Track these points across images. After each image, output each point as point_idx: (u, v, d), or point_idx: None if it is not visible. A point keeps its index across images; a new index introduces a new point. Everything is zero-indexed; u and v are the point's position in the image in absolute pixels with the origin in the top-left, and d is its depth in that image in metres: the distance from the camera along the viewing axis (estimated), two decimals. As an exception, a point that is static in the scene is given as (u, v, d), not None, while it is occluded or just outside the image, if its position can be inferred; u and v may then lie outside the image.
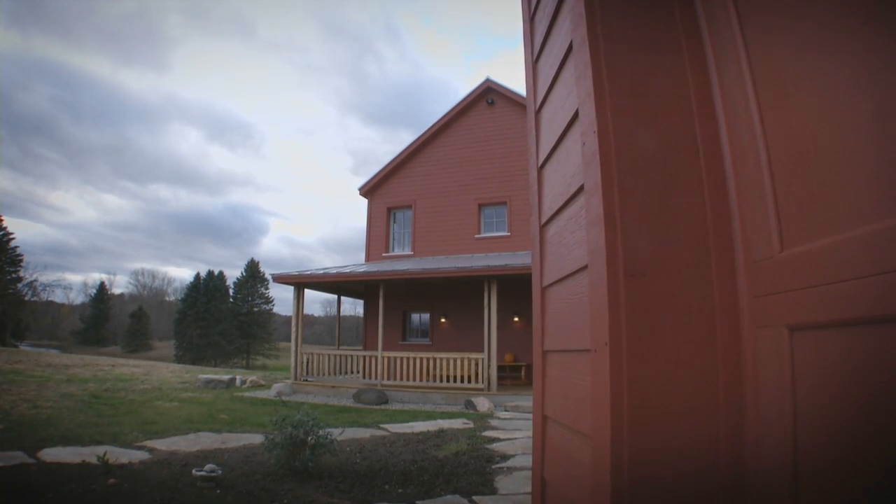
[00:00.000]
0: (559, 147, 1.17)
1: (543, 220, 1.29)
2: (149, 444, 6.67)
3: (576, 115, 1.03)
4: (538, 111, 1.37)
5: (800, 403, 0.74)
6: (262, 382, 15.45)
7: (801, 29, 0.73)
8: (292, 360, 13.31)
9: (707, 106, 0.92)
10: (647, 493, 0.77)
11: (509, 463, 5.68)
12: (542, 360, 1.26)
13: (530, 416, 9.77)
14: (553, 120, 1.21)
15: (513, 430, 8.08)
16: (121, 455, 5.95)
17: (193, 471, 4.77)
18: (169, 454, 6.13)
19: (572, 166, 1.06)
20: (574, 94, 1.03)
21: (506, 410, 10.43)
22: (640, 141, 0.88)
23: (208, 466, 4.70)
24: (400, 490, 4.66)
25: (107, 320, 63.67)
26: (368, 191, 16.82)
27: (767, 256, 0.80)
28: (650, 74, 0.90)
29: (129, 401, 11.03)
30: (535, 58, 1.42)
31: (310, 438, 4.86)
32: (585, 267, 0.96)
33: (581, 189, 1.00)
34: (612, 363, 0.80)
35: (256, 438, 6.86)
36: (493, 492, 4.64)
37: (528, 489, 4.75)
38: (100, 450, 5.82)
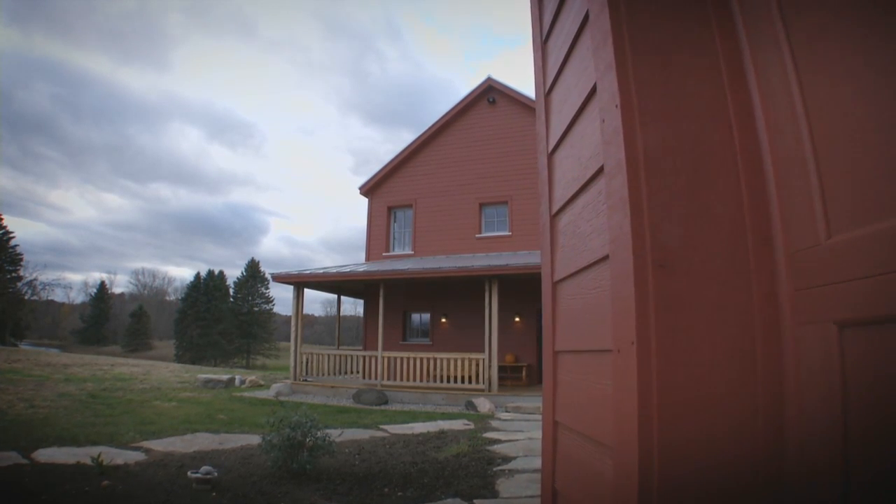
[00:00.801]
0: (573, 129, 1.08)
1: (554, 209, 1.19)
2: (145, 444, 6.58)
3: (593, 91, 0.94)
4: (548, 94, 1.27)
5: (851, 413, 0.65)
6: (262, 382, 15.37)
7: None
8: (292, 360, 13.23)
9: (739, 77, 0.83)
10: (679, 513, 0.68)
11: (511, 465, 5.59)
12: (552, 362, 1.16)
13: (531, 417, 9.69)
14: (565, 101, 1.12)
15: (514, 431, 7.98)
16: (116, 456, 5.86)
17: (189, 473, 4.68)
18: (165, 455, 6.04)
19: (589, 148, 0.97)
20: (591, 67, 0.93)
21: (507, 411, 10.34)
22: (667, 115, 0.79)
23: (204, 468, 4.61)
24: (399, 493, 4.56)
25: (107, 320, 63.61)
26: (369, 190, 16.73)
27: (812, 244, 0.71)
28: (677, 43, 0.81)
29: (126, 400, 10.94)
30: (543, 38, 1.33)
31: (308, 440, 4.77)
32: (606, 257, 0.87)
33: (600, 171, 0.90)
34: (640, 366, 0.71)
35: (254, 439, 6.77)
36: (495, 495, 4.55)
37: (531, 492, 4.66)
38: (95, 450, 5.74)
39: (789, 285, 0.75)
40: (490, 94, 15.79)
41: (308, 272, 14.02)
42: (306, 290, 13.96)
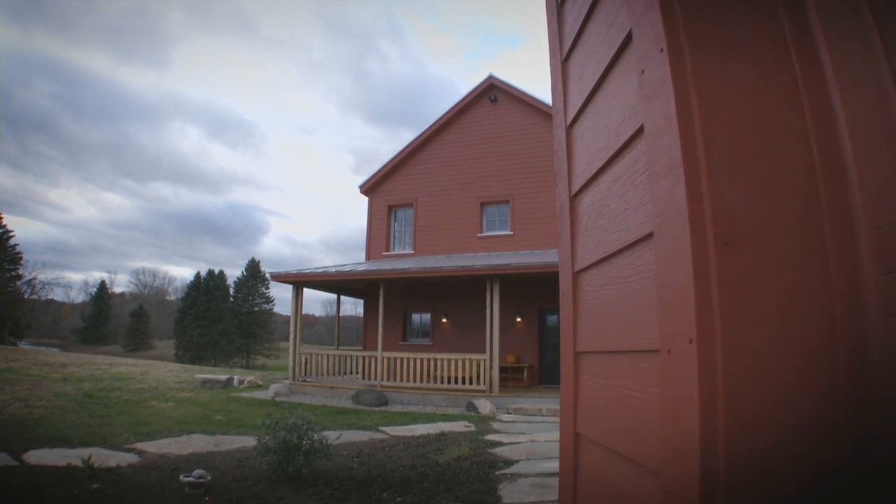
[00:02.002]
0: (598, 93, 0.93)
1: (574, 189, 1.05)
2: (139, 446, 6.44)
3: (626, 41, 0.79)
4: (565, 60, 1.13)
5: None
6: (260, 383, 15.23)
7: None
8: (290, 360, 13.08)
9: (803, 25, 0.68)
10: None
11: (513, 469, 5.44)
12: (573, 364, 1.01)
13: (533, 418, 9.54)
14: (588, 63, 0.97)
15: (516, 433, 7.84)
16: (109, 458, 5.72)
17: (181, 476, 4.53)
18: (159, 457, 5.90)
19: (620, 110, 0.82)
20: (623, 15, 0.79)
21: (508, 413, 10.19)
22: (723, 62, 0.64)
23: (197, 472, 4.46)
24: (399, 498, 4.42)
25: (107, 319, 63.50)
26: (369, 189, 16.59)
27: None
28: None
29: (123, 401, 10.81)
30: None
31: (304, 443, 4.62)
32: (648, 236, 0.72)
33: (638, 134, 0.76)
34: (702, 370, 0.56)
35: (251, 441, 6.62)
36: (497, 500, 4.40)
37: (534, 498, 4.51)
38: (88, 452, 5.60)
39: (875, 267, 0.60)
40: (491, 92, 15.64)
41: (307, 271, 13.88)
42: (306, 291, 13.82)
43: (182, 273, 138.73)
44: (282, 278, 13.44)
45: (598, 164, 0.93)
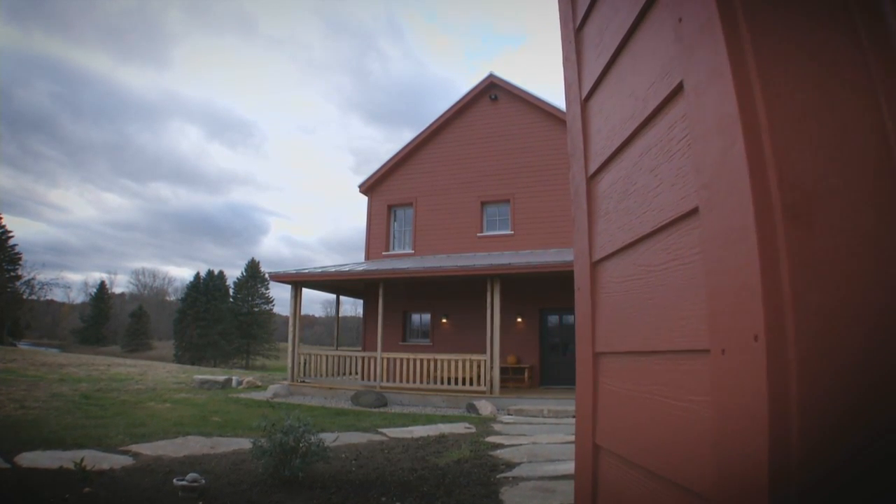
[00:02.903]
0: (622, 55, 0.82)
1: (592, 168, 0.94)
2: (134, 448, 6.33)
3: (657, -12, 0.69)
4: (580, 28, 1.01)
5: None
6: (259, 383, 15.12)
7: None
8: (289, 360, 12.97)
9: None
10: None
11: (514, 472, 5.32)
12: (591, 367, 0.90)
13: (534, 420, 9.42)
14: (608, 24, 0.86)
15: (517, 435, 7.72)
16: (102, 460, 5.61)
17: (175, 480, 4.42)
18: (154, 460, 5.79)
19: (650, 71, 0.71)
20: (652, -38, 0.68)
21: (509, 414, 10.07)
22: (775, 4, 0.53)
23: (190, 475, 4.35)
24: (398, 502, 4.30)
25: (107, 319, 63.40)
26: (368, 188, 16.48)
27: None
28: None
29: (120, 402, 10.70)
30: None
31: (301, 445, 4.51)
32: (692, 213, 0.61)
33: (675, 94, 0.65)
34: (772, 375, 0.45)
35: (247, 443, 6.50)
36: (499, 505, 4.29)
37: (536, 503, 4.39)
38: (82, 454, 5.49)
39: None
40: (492, 90, 15.53)
41: (306, 271, 13.78)
42: (306, 291, 13.71)
43: (182, 273, 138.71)
44: (280, 278, 13.33)
45: (620, 137, 0.82)
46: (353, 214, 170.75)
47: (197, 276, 56.06)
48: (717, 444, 0.53)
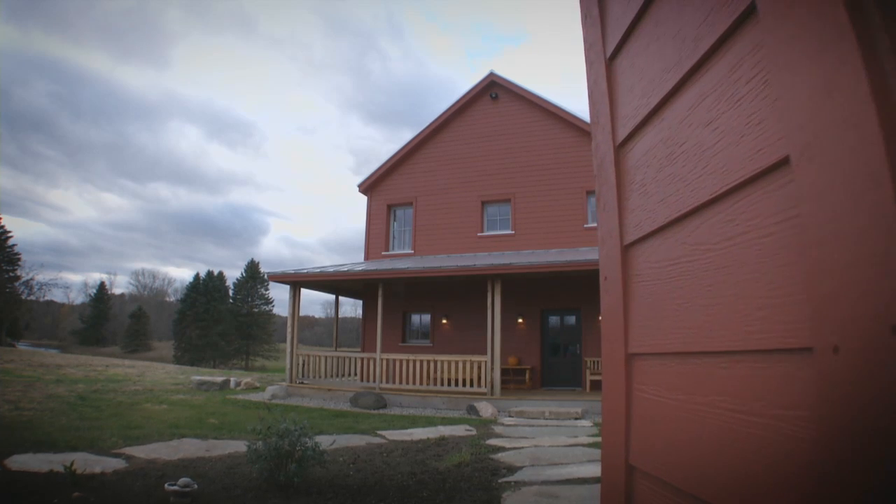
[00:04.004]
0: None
1: (622, 135, 0.80)
2: (127, 451, 6.20)
3: None
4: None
5: None
6: (257, 384, 14.98)
7: None
8: (288, 361, 12.83)
9: None
10: None
11: (516, 476, 5.19)
12: (623, 371, 0.76)
13: (536, 422, 9.29)
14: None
15: (518, 437, 7.58)
16: (95, 464, 5.48)
17: (166, 485, 4.28)
18: (147, 463, 5.66)
19: (702, 5, 0.58)
20: None
21: (510, 416, 9.94)
22: None
23: (182, 480, 4.21)
24: (396, 508, 4.17)
25: (106, 320, 63.27)
26: (368, 187, 16.34)
27: None
28: None
29: (116, 403, 10.56)
30: None
31: (297, 449, 4.37)
32: (776, 166, 0.48)
33: (744, 19, 0.51)
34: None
35: (243, 446, 6.36)
36: (501, 511, 4.15)
37: (540, 509, 4.26)
38: (74, 457, 5.37)
39: None
40: (493, 89, 15.40)
41: (305, 271, 13.64)
42: (307, 292, 13.57)
43: (181, 274, 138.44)
44: (279, 278, 13.19)
45: (660, 92, 0.68)
46: (353, 215, 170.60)
47: (196, 276, 55.95)
48: (824, 477, 0.39)
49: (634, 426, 0.75)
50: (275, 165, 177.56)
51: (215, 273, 56.52)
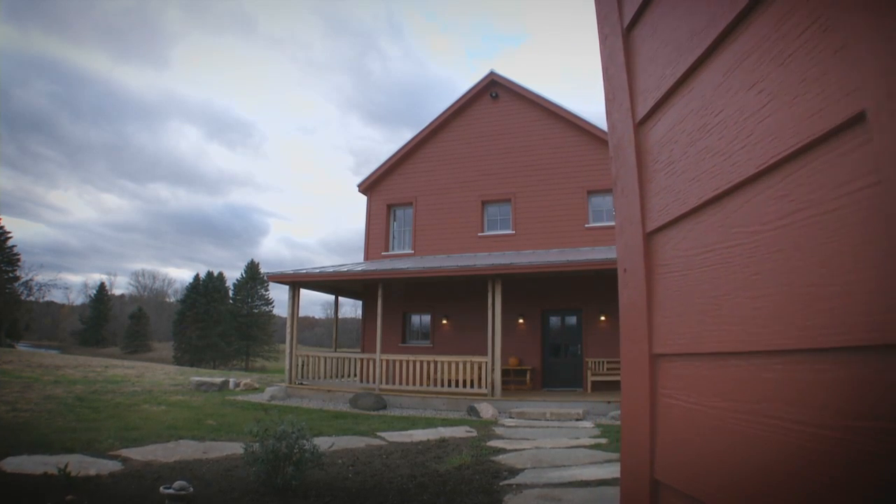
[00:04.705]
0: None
1: (643, 110, 0.71)
2: (123, 452, 6.12)
3: None
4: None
5: None
6: (257, 385, 14.90)
7: None
8: (287, 362, 12.75)
9: None
10: None
11: (518, 479, 5.11)
12: (647, 374, 0.68)
13: (537, 423, 9.20)
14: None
15: (519, 439, 7.50)
16: (90, 466, 5.41)
17: (161, 488, 4.20)
18: (143, 465, 5.58)
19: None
20: None
21: (511, 417, 9.86)
22: None
23: (178, 483, 4.13)
24: (396, 512, 4.09)
25: (106, 321, 63.23)
26: (367, 187, 16.26)
27: None
28: None
29: (114, 404, 10.48)
30: None
31: (294, 452, 4.29)
32: (846, 126, 0.40)
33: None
34: None
35: (241, 448, 6.29)
36: (502, 515, 4.07)
37: (542, 512, 4.18)
38: (69, 459, 5.29)
39: None
40: (493, 88, 15.33)
41: (304, 272, 13.56)
42: (307, 293, 13.49)
43: (181, 275, 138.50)
44: (278, 278, 13.12)
45: (689, 59, 0.61)
46: (353, 216, 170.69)
47: (196, 277, 55.92)
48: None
49: (660, 436, 0.67)
50: (274, 166, 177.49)
51: (215, 274, 56.50)
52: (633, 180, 0.75)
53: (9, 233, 45.39)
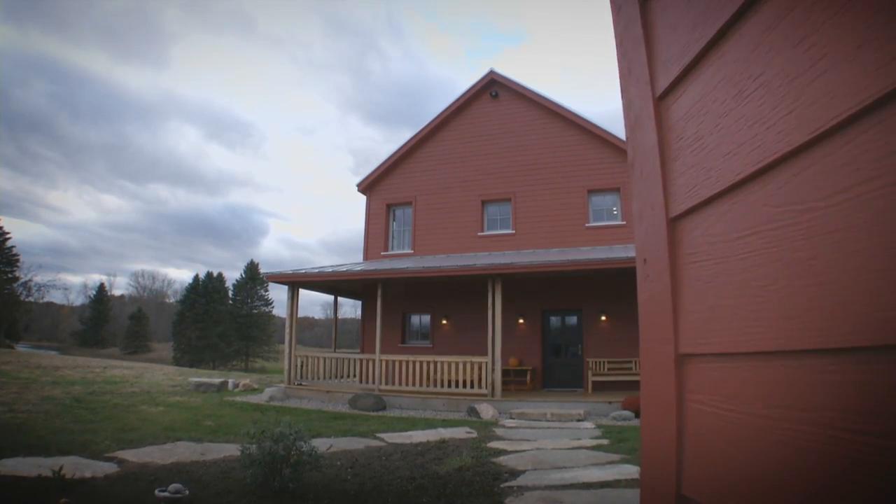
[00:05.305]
0: None
1: (665, 82, 0.64)
2: (120, 454, 6.05)
3: None
4: None
5: None
6: (256, 386, 14.83)
7: None
8: (286, 363, 12.68)
9: None
10: None
11: (519, 481, 5.04)
12: (673, 376, 0.60)
13: (537, 424, 9.14)
14: None
15: (520, 440, 7.43)
16: (86, 468, 5.34)
17: (157, 491, 4.14)
18: (139, 467, 5.51)
19: None
20: None
21: (511, 418, 9.79)
22: None
23: (173, 486, 4.07)
24: (395, 515, 4.02)
25: (106, 322, 63.15)
26: (367, 187, 16.19)
27: None
28: None
29: (112, 405, 10.41)
30: None
31: (292, 454, 4.22)
32: None
33: None
34: None
35: (239, 450, 6.23)
36: (503, 518, 4.00)
37: (544, 515, 4.11)
38: (65, 461, 5.23)
39: None
40: (493, 87, 15.26)
41: (303, 271, 13.49)
42: (306, 293, 13.42)
43: (181, 275, 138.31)
44: (277, 278, 13.05)
45: (720, 17, 0.53)
46: (353, 216, 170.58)
47: (196, 278, 55.84)
48: None
49: (689, 447, 0.59)
50: (274, 166, 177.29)
51: (215, 274, 56.43)
52: (654, 160, 0.68)
53: (8, 233, 45.33)
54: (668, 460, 0.62)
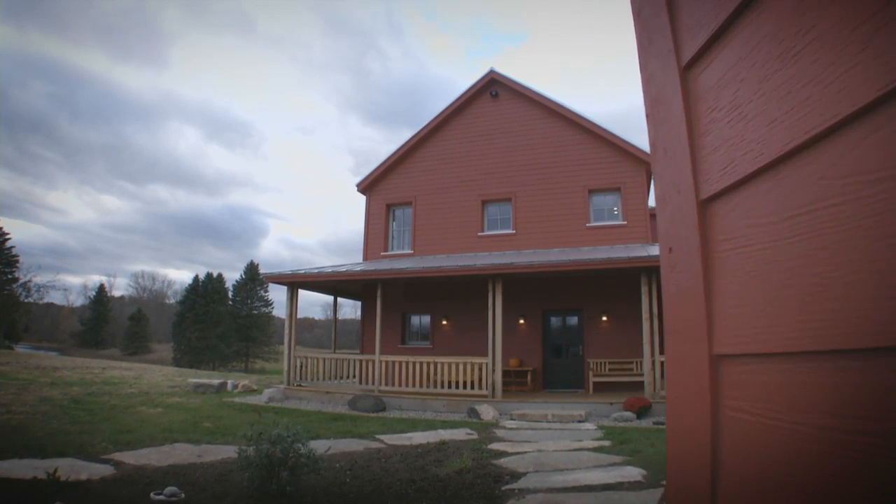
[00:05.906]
0: None
1: (691, 52, 0.57)
2: (117, 456, 5.99)
3: None
4: None
5: None
6: (255, 387, 14.76)
7: None
8: (285, 363, 12.62)
9: None
10: None
11: (520, 483, 4.97)
12: (707, 380, 0.52)
13: (538, 425, 9.07)
14: None
15: (521, 441, 7.37)
16: (82, 470, 5.28)
17: (152, 494, 4.07)
18: (136, 469, 5.44)
19: None
20: None
21: (512, 419, 9.72)
22: None
23: (169, 489, 4.01)
24: (394, 519, 3.96)
25: (106, 322, 63.11)
26: (367, 187, 16.13)
27: None
28: None
29: (110, 406, 10.35)
30: None
31: (289, 456, 4.16)
32: None
33: None
34: None
35: (237, 452, 6.17)
36: (505, 521, 3.93)
37: (546, 519, 4.05)
38: (60, 463, 5.16)
39: None
40: (493, 87, 15.20)
41: (302, 272, 13.43)
42: (306, 293, 13.36)
43: (181, 276, 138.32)
44: (276, 279, 12.98)
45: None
46: (353, 216, 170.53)
47: (196, 278, 55.79)
48: None
49: (726, 461, 0.52)
50: (274, 166, 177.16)
51: (214, 275, 56.38)
52: (681, 136, 0.61)
53: (7, 234, 45.28)
54: (699, 474, 0.54)
